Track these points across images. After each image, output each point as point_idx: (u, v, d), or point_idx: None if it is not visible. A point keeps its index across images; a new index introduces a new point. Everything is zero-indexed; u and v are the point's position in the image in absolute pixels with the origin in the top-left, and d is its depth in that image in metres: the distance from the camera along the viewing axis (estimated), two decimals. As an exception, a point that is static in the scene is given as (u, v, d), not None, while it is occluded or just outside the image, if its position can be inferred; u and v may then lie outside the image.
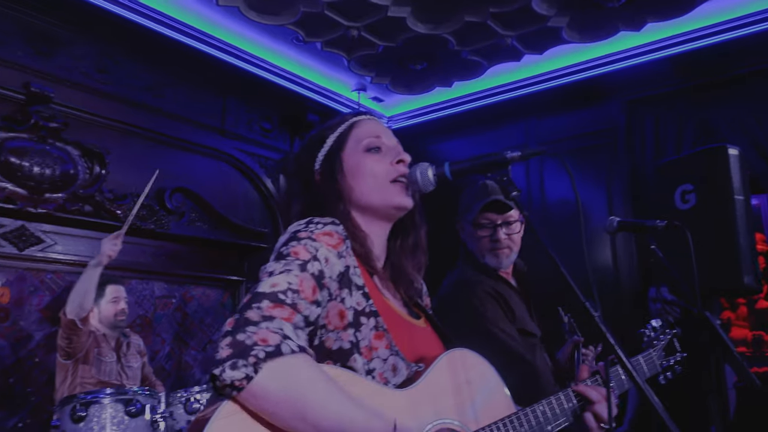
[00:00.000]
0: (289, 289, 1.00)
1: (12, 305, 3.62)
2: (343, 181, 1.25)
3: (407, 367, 1.14)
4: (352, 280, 1.14)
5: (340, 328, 1.10)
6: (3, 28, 3.74)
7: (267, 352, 0.89)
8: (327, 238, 1.11)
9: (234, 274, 4.77)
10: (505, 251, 1.97)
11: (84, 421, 2.49)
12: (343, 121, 1.34)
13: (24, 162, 3.67)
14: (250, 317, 0.94)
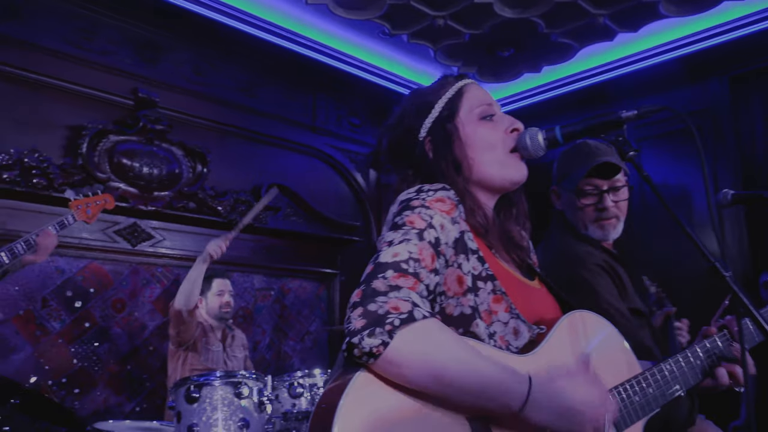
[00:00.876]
0: (410, 258, 1.00)
1: (127, 297, 3.86)
2: (459, 151, 1.22)
3: (529, 330, 1.12)
4: (467, 244, 1.12)
5: (459, 294, 1.09)
6: (113, 38, 4.01)
7: (401, 319, 0.90)
8: (440, 205, 1.10)
9: (328, 267, 4.88)
10: (611, 221, 1.79)
11: (197, 402, 2.61)
12: (447, 86, 1.28)
13: (134, 163, 3.91)
14: (378, 287, 0.95)
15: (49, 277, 3.58)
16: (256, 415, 2.66)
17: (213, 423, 2.59)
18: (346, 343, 0.91)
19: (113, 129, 3.88)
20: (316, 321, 4.79)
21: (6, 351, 3.39)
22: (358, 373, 0.92)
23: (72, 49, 3.84)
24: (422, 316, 0.92)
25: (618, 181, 1.81)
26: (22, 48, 3.64)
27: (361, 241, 5.07)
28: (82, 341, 3.65)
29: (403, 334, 0.90)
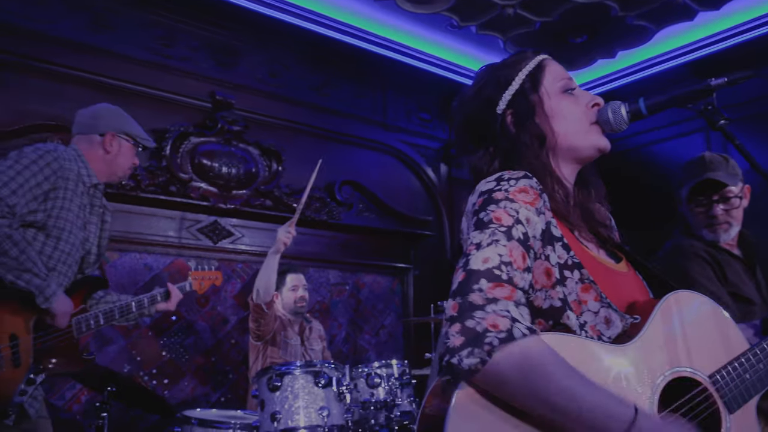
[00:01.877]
0: (501, 263, 0.98)
1: (210, 292, 4.02)
2: (543, 123, 1.19)
3: (622, 319, 1.08)
4: (553, 234, 1.09)
5: (548, 287, 1.06)
6: (191, 45, 4.18)
7: (500, 339, 0.89)
8: (523, 196, 1.06)
9: (402, 261, 4.91)
10: (722, 226, 1.91)
11: (279, 390, 2.69)
12: (526, 59, 1.25)
13: (214, 163, 4.07)
14: (474, 301, 0.93)
15: (139, 273, 3.78)
16: (336, 404, 2.71)
17: (295, 411, 2.66)
18: (446, 361, 0.90)
19: (194, 131, 4.05)
20: (391, 315, 4.83)
21: (102, 343, 3.60)
22: (458, 391, 0.92)
23: (154, 57, 4.03)
24: (522, 335, 0.90)
25: (729, 192, 1.91)
26: (109, 58, 3.85)
27: (433, 236, 5.07)
28: (169, 334, 3.83)
29: (502, 354, 0.88)
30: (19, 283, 1.99)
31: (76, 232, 2.24)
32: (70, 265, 2.24)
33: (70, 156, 2.26)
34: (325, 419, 2.65)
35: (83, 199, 2.30)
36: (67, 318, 2.11)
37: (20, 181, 2.05)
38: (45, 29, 3.67)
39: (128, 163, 2.48)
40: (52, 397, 3.40)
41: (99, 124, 2.41)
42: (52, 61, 3.63)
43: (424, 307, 4.71)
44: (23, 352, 2.01)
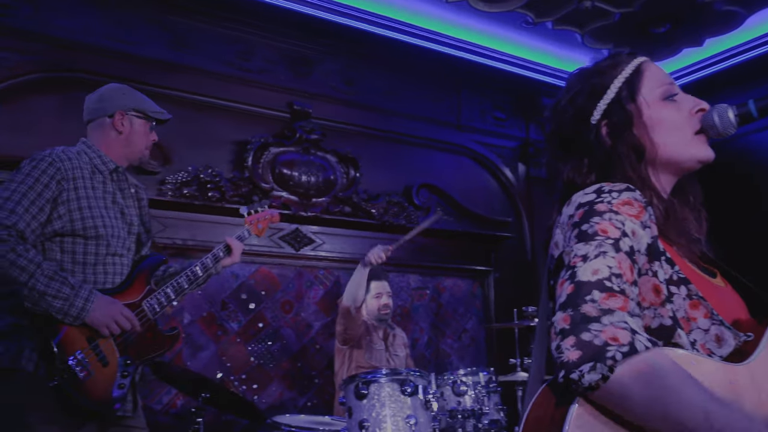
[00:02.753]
0: (612, 275, 0.93)
1: (294, 298, 4.11)
2: (642, 134, 1.12)
3: (735, 337, 1.01)
4: (659, 248, 1.03)
5: (656, 304, 1.01)
6: (269, 57, 4.29)
7: (623, 353, 0.85)
8: (628, 208, 1.00)
9: (482, 264, 4.85)
10: None
11: (366, 398, 2.71)
12: (621, 64, 1.18)
13: (293, 172, 4.15)
14: (588, 312, 0.89)
15: (226, 281, 3.90)
16: (423, 412, 2.70)
17: (382, 419, 2.67)
18: (562, 377, 0.87)
19: (273, 141, 4.15)
20: (473, 319, 4.78)
21: (194, 349, 3.74)
22: (574, 407, 0.89)
23: (233, 71, 4.16)
24: (644, 347, 0.86)
25: None
26: (191, 74, 4.00)
27: (513, 237, 4.98)
28: (257, 340, 3.94)
29: (626, 369, 0.84)
30: (38, 310, 1.91)
31: (113, 222, 2.14)
32: (122, 255, 2.18)
33: (74, 153, 2.16)
34: (413, 428, 2.64)
35: (107, 187, 2.20)
36: (112, 325, 2.01)
37: (16, 198, 1.95)
38: (134, 51, 3.85)
39: (144, 140, 2.31)
40: (150, 401, 3.57)
41: (106, 106, 2.27)
42: (141, 80, 3.78)
43: (506, 311, 4.63)
44: (107, 351, 2.02)
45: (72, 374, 1.92)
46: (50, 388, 1.91)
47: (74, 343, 1.96)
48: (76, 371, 1.93)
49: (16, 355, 1.97)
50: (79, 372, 1.94)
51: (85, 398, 1.94)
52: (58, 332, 1.94)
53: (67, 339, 1.95)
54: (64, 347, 1.94)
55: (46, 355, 1.92)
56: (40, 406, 1.94)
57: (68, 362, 1.93)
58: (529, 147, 5.20)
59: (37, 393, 1.94)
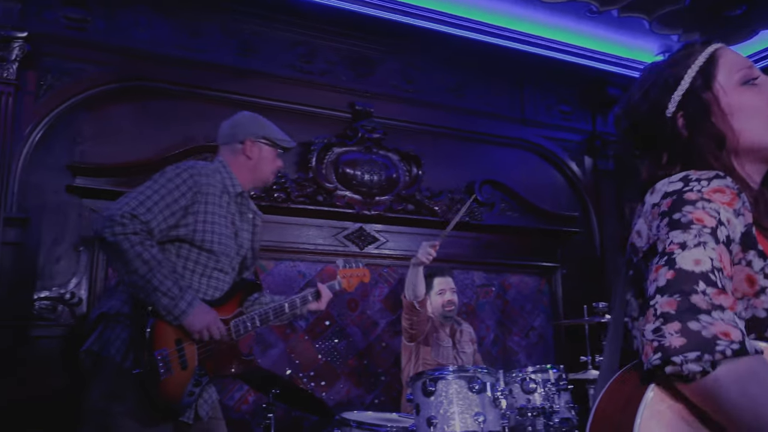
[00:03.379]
0: (714, 268, 0.90)
1: (359, 297, 4.15)
2: (720, 122, 1.08)
3: None
4: (753, 237, 0.98)
5: (750, 295, 0.97)
6: (330, 59, 4.35)
7: (733, 350, 0.82)
8: (720, 196, 0.96)
9: (548, 260, 4.76)
10: None
11: (434, 395, 2.71)
12: (694, 53, 1.14)
13: (356, 171, 4.19)
14: (698, 303, 0.86)
15: (293, 280, 3.98)
16: (492, 410, 2.67)
17: (450, 416, 2.66)
18: (658, 359, 0.84)
19: (336, 142, 4.20)
20: (540, 316, 4.69)
21: (264, 347, 3.84)
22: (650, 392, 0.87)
23: (296, 74, 4.24)
24: (754, 351, 0.84)
25: None
26: (256, 78, 4.10)
27: (581, 232, 4.86)
28: (324, 338, 4.00)
29: (728, 369, 0.82)
30: (145, 303, 2.05)
31: (227, 241, 2.28)
32: (227, 272, 2.32)
33: (211, 170, 2.31)
34: (481, 425, 2.62)
35: (230, 208, 2.34)
36: (204, 332, 2.13)
37: (156, 199, 2.11)
38: (202, 58, 3.99)
39: (270, 166, 2.48)
40: (223, 397, 3.68)
41: (238, 133, 2.45)
42: (209, 86, 3.94)
43: (574, 308, 4.52)
44: (189, 356, 2.12)
45: (155, 367, 2.02)
46: (133, 380, 2.00)
47: (164, 340, 2.08)
48: (158, 366, 2.03)
49: (106, 343, 2.09)
50: (160, 367, 2.04)
51: (158, 394, 2.02)
52: (154, 326, 2.06)
53: (159, 335, 2.07)
54: (154, 341, 2.05)
55: (137, 344, 2.03)
56: (125, 396, 2.04)
57: (155, 355, 2.03)
58: (596, 140, 5.06)
59: (123, 383, 2.05)
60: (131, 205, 2.08)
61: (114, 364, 2.07)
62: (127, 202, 2.09)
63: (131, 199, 2.11)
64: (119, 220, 2.03)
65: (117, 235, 2.02)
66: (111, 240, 2.02)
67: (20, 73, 3.54)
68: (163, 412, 2.08)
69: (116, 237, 2.02)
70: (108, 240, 2.02)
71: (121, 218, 2.03)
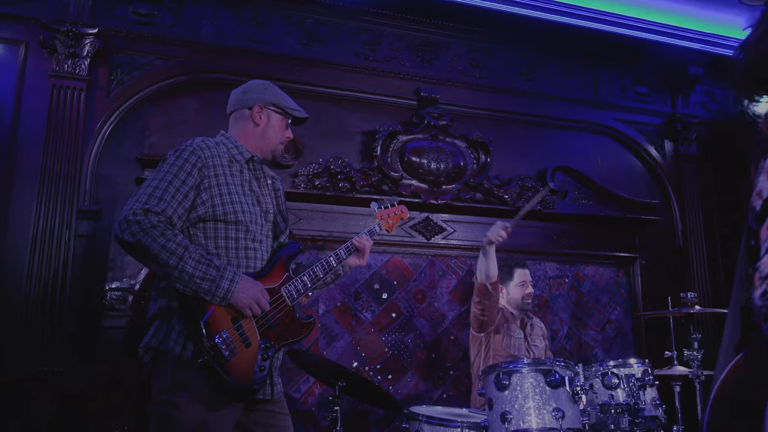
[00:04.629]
0: None
1: (426, 288, 4.03)
2: None
3: None
4: None
5: None
6: (394, 45, 4.25)
7: None
8: None
9: (626, 250, 4.50)
10: None
11: (508, 390, 2.57)
12: None
13: (422, 159, 4.08)
14: None
15: (359, 271, 3.91)
16: (571, 405, 2.51)
17: (526, 412, 2.52)
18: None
19: (401, 129, 4.10)
20: (617, 309, 4.44)
21: (330, 339, 3.78)
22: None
23: (360, 62, 4.17)
24: None
25: None
26: (320, 68, 4.06)
27: (661, 220, 4.58)
28: (390, 330, 3.91)
29: None
30: (188, 291, 1.98)
31: (250, 209, 2.20)
32: (261, 241, 2.24)
33: (213, 142, 2.23)
34: (560, 422, 2.46)
35: (244, 175, 2.26)
36: (254, 306, 2.07)
37: (163, 186, 2.04)
38: (267, 49, 3.98)
39: (279, 135, 2.36)
40: (289, 389, 3.65)
41: (247, 98, 2.35)
42: (274, 77, 3.86)
43: (655, 300, 4.28)
44: (249, 333, 2.06)
45: (218, 352, 1.96)
46: (197, 369, 1.96)
47: (220, 323, 2.02)
48: (221, 349, 1.97)
49: (164, 337, 2.05)
50: (224, 350, 1.98)
51: (229, 377, 1.96)
52: (206, 312, 2.00)
53: (214, 319, 2.01)
54: (211, 327, 1.99)
55: (194, 334, 1.98)
56: (187, 386, 2.00)
57: (215, 340, 1.97)
58: (677, 122, 4.75)
59: (184, 373, 2.01)
60: (141, 201, 2.01)
61: (173, 356, 2.03)
62: (137, 199, 2.02)
63: (140, 195, 2.04)
64: (133, 219, 1.97)
65: (136, 235, 1.95)
66: (132, 241, 1.96)
67: (91, 68, 3.62)
68: (237, 393, 2.02)
69: (136, 236, 1.95)
70: (129, 242, 1.96)
71: (134, 216, 1.97)
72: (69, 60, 3.56)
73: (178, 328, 2.05)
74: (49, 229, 3.38)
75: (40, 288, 3.31)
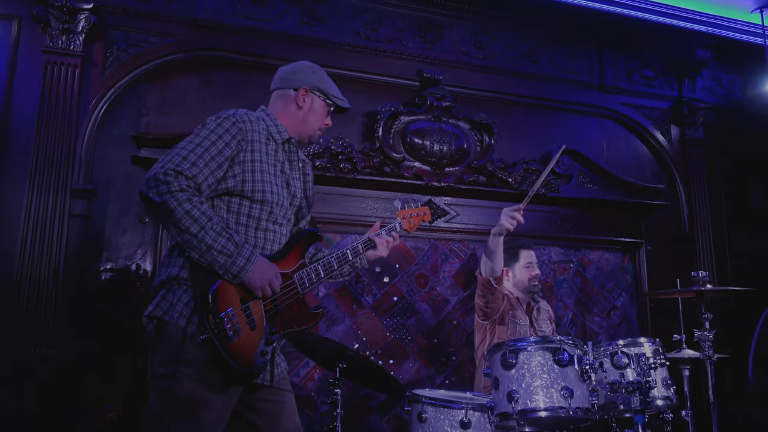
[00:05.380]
0: None
1: (429, 272, 3.95)
2: None
3: None
4: None
5: None
6: (396, 25, 4.17)
7: None
8: None
9: (631, 236, 4.42)
10: None
11: (514, 368, 2.48)
12: None
13: (425, 141, 3.99)
14: None
15: (360, 254, 3.82)
16: (580, 384, 2.42)
17: (533, 390, 2.43)
18: None
19: (403, 110, 4.02)
20: (623, 295, 4.36)
21: (330, 322, 3.70)
22: None
23: (362, 41, 4.09)
24: None
25: None
26: (321, 47, 3.98)
27: (667, 206, 4.50)
28: (392, 315, 3.83)
29: None
30: (202, 262, 1.92)
31: (278, 190, 2.14)
32: (282, 224, 2.18)
33: (254, 117, 2.17)
34: (568, 401, 2.38)
35: (279, 155, 2.19)
36: (267, 288, 2.01)
37: (199, 152, 1.97)
38: (267, 27, 3.89)
39: (319, 121, 2.31)
40: (289, 374, 3.55)
41: (295, 79, 2.29)
42: (273, 56, 3.82)
43: (660, 287, 4.21)
44: (256, 315, 2.00)
45: (222, 330, 1.88)
46: (200, 344, 1.88)
47: (228, 300, 1.94)
48: (226, 328, 1.90)
49: (169, 307, 1.97)
50: (228, 329, 1.90)
51: (230, 358, 1.89)
52: (214, 286, 1.93)
53: (222, 295, 1.94)
54: (218, 302, 1.92)
55: (201, 307, 1.90)
56: (190, 361, 1.92)
57: (220, 316, 1.89)
58: (684, 107, 4.67)
59: (187, 348, 1.93)
60: (175, 162, 1.93)
61: (178, 328, 1.95)
62: (171, 159, 1.95)
63: (174, 155, 1.96)
64: (163, 179, 1.89)
65: (163, 195, 1.88)
66: (157, 200, 1.88)
67: (86, 45, 3.54)
68: (236, 376, 1.94)
69: (162, 197, 1.88)
70: (154, 200, 1.88)
71: (164, 176, 1.89)
72: (63, 36, 3.47)
73: (184, 299, 1.97)
74: (42, 208, 3.29)
75: (32, 268, 3.23)
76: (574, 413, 2.38)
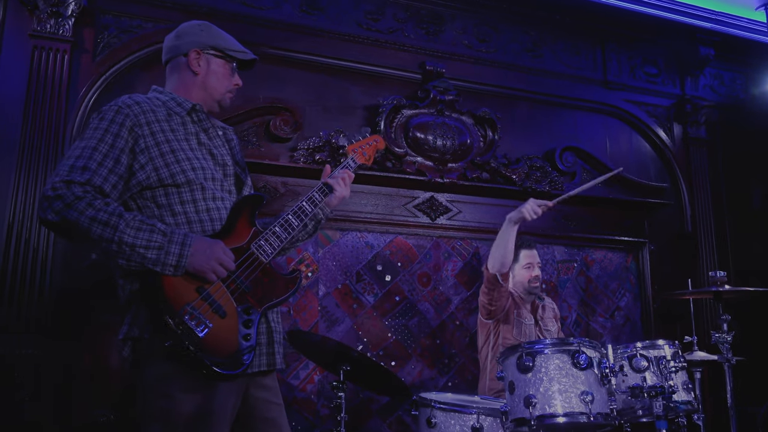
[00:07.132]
0: None
1: (431, 271, 3.84)
2: None
3: None
4: None
5: None
6: (398, 16, 4.05)
7: None
8: None
9: (635, 235, 4.34)
10: None
11: (531, 372, 2.38)
12: None
13: (428, 136, 3.88)
14: None
15: (361, 251, 3.70)
16: (600, 389, 2.34)
17: (551, 395, 2.33)
18: None
19: (406, 104, 3.90)
20: (627, 295, 4.29)
21: (330, 323, 3.57)
22: None
23: (363, 32, 3.96)
24: None
25: None
26: (320, 37, 3.84)
27: (670, 204, 4.43)
28: (394, 315, 3.71)
29: None
30: (133, 266, 1.69)
31: (202, 164, 1.90)
32: (222, 197, 1.91)
33: (142, 98, 1.91)
34: (589, 406, 2.28)
35: (188, 128, 1.93)
36: (217, 268, 1.76)
37: (87, 153, 1.75)
38: (265, 15, 3.75)
39: (224, 83, 2.03)
40: (287, 376, 3.43)
41: (181, 44, 1.99)
42: (270, 44, 3.69)
43: (664, 286, 4.15)
44: (222, 301, 1.76)
45: (186, 328, 1.66)
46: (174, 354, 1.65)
47: (182, 296, 1.71)
48: (191, 326, 1.67)
49: (132, 324, 1.78)
50: (195, 327, 1.67)
51: (209, 355, 1.66)
52: (159, 285, 1.70)
53: (173, 293, 1.70)
54: (173, 303, 1.68)
55: (155, 314, 1.68)
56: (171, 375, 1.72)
57: (179, 314, 1.66)
58: (686, 104, 4.62)
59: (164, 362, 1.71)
60: (61, 174, 1.71)
61: (145, 342, 1.75)
62: (57, 172, 1.73)
63: (60, 167, 1.74)
64: (53, 195, 1.67)
65: (60, 212, 1.66)
66: (56, 219, 1.67)
67: (76, 29, 3.37)
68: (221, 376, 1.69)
69: (60, 214, 1.66)
70: (53, 221, 1.67)
71: (54, 191, 1.68)
72: (51, 19, 3.30)
73: (142, 313, 1.76)
74: (30, 200, 3.12)
75: (19, 264, 3.06)
76: (594, 419, 2.29)
